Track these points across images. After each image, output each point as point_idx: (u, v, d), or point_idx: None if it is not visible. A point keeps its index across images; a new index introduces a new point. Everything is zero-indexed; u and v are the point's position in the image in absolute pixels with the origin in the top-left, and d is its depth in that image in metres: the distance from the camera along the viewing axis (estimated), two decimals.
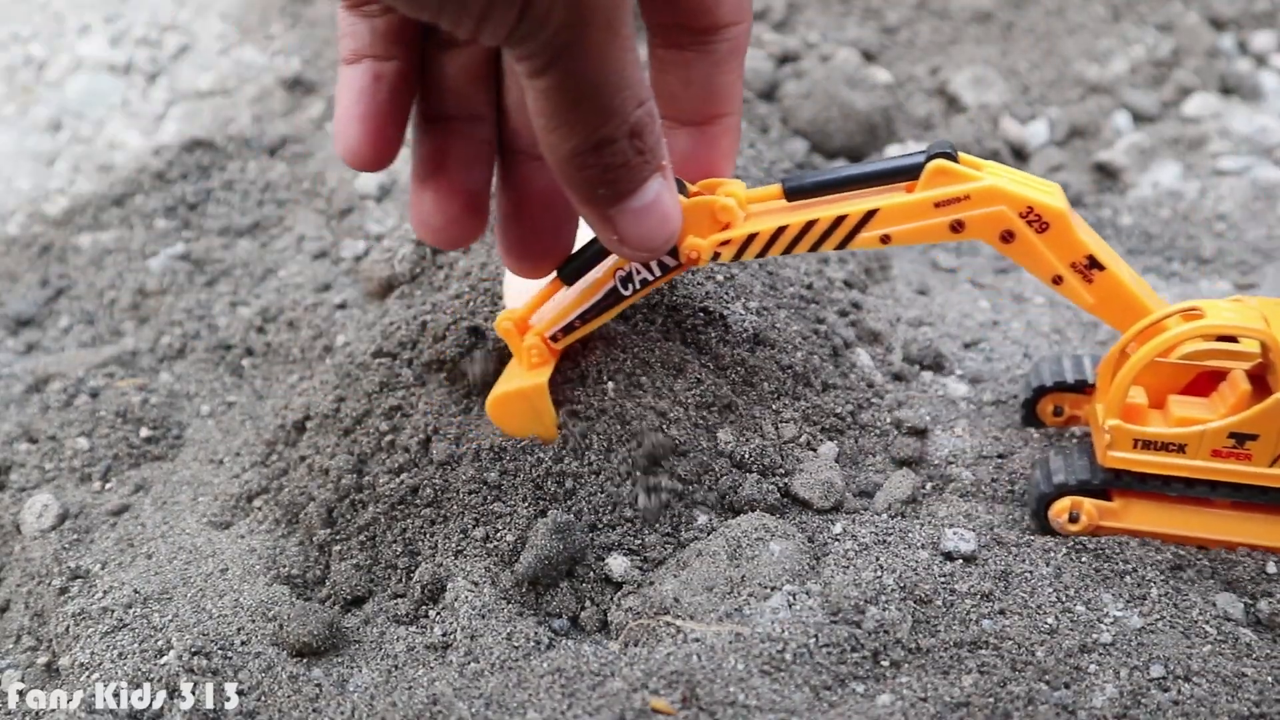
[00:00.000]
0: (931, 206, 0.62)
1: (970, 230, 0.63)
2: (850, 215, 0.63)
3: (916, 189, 0.62)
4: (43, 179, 1.28)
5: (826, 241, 0.64)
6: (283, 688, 0.62)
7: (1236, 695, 0.58)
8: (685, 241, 0.64)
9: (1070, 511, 0.68)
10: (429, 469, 0.73)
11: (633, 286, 0.66)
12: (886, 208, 0.63)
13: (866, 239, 0.64)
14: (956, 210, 0.62)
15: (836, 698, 0.58)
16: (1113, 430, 0.65)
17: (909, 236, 0.63)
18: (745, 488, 0.70)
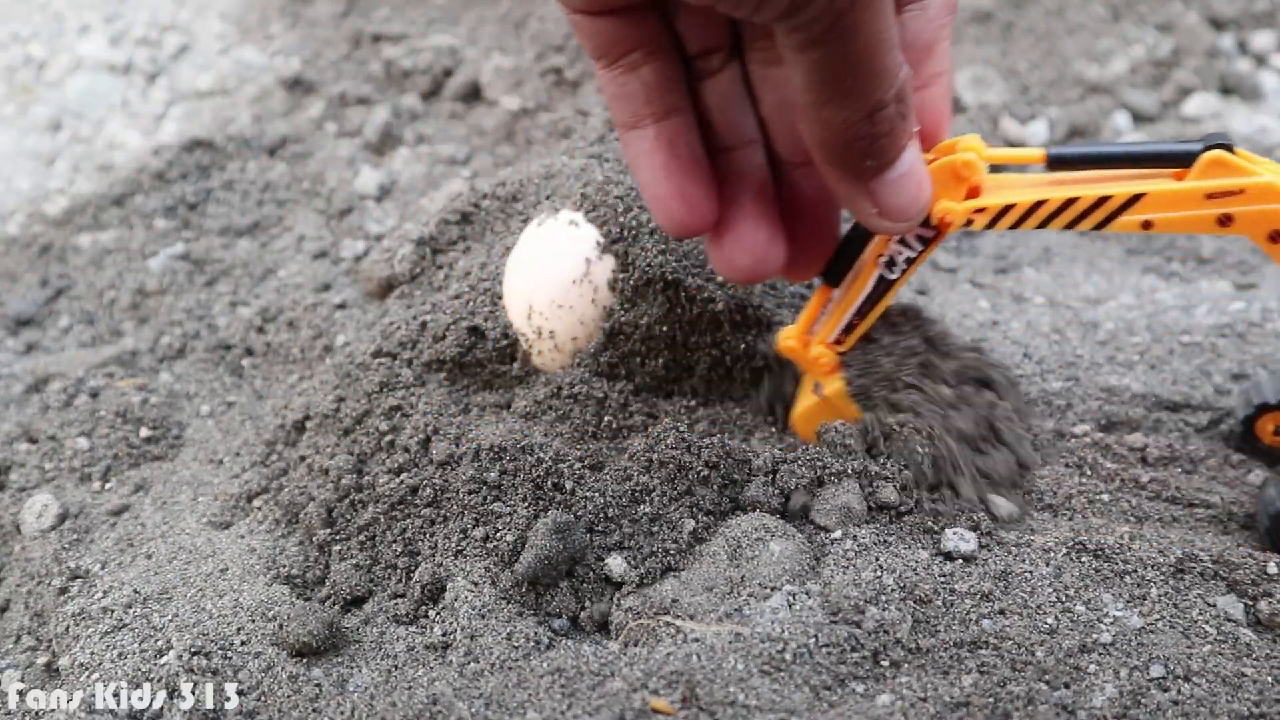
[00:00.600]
0: (1203, 197, 0.61)
1: (1238, 226, 0.61)
2: (1115, 197, 0.61)
3: (1188, 177, 0.61)
4: (43, 179, 1.28)
5: (1085, 221, 0.62)
6: (283, 688, 0.62)
7: (1236, 695, 0.58)
8: (937, 206, 0.62)
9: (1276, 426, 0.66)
10: (429, 469, 0.73)
11: (898, 268, 0.65)
12: (1155, 193, 0.61)
13: (1127, 223, 0.62)
14: (1228, 204, 0.60)
15: (836, 698, 0.58)
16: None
17: (1173, 225, 0.61)
18: (751, 489, 0.70)
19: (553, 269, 0.77)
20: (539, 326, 0.77)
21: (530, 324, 0.77)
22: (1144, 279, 1.03)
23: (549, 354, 0.78)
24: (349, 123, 1.25)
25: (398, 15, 1.44)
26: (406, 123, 1.23)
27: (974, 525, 0.68)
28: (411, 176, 1.14)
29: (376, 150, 1.20)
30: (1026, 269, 1.06)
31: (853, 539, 0.66)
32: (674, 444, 0.70)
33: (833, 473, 0.69)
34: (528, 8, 1.34)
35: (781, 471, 0.70)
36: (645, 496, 0.69)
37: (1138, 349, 0.90)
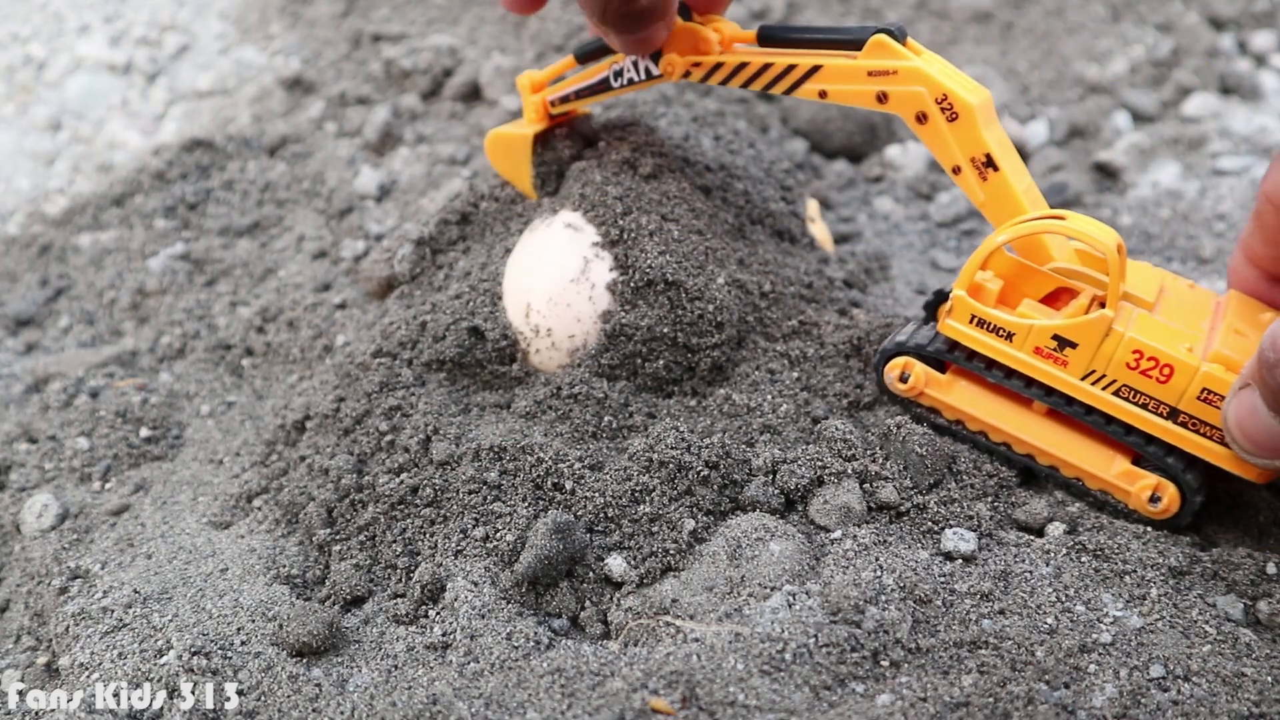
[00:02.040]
0: (865, 74, 0.70)
1: (892, 103, 0.70)
2: (799, 66, 0.73)
3: (859, 58, 0.70)
4: (43, 179, 1.28)
5: (777, 85, 0.74)
6: (282, 688, 0.62)
7: (1236, 695, 0.58)
8: (665, 57, 0.77)
9: (903, 371, 0.73)
10: (429, 469, 0.73)
11: (621, 81, 0.80)
12: (829, 66, 0.71)
13: (808, 89, 0.73)
14: (884, 82, 0.70)
15: (836, 698, 0.58)
16: (956, 300, 0.70)
17: (841, 96, 0.72)
18: (750, 489, 0.70)
19: (551, 268, 0.78)
20: (536, 325, 0.77)
21: (528, 322, 0.78)
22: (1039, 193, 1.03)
23: (546, 352, 0.78)
24: (349, 123, 1.25)
25: (398, 15, 1.44)
26: (406, 123, 1.23)
27: (974, 525, 0.68)
28: (411, 176, 1.14)
29: (376, 150, 1.20)
30: None
31: (853, 539, 0.66)
32: (674, 444, 0.70)
33: (833, 473, 0.69)
34: None
35: (781, 471, 0.70)
36: (645, 496, 0.69)
37: None
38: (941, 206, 1.13)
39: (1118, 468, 0.69)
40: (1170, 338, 0.65)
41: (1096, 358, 0.66)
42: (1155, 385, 0.65)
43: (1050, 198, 1.15)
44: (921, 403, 0.74)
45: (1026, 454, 0.72)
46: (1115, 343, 0.65)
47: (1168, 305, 0.69)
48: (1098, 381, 0.67)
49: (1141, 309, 0.67)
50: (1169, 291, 0.70)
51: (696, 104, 1.08)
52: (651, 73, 0.78)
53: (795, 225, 0.91)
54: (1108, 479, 0.69)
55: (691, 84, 1.13)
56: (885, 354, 0.74)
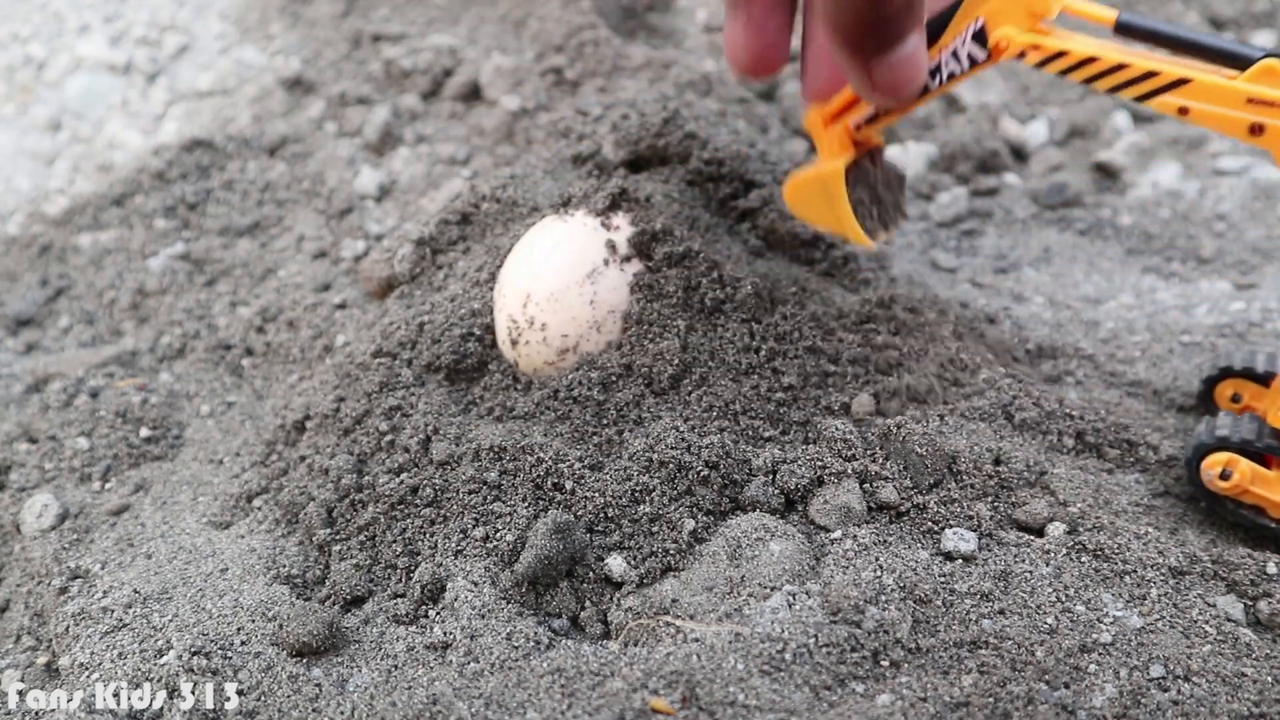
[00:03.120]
0: (1244, 100, 0.61)
1: (1268, 138, 0.61)
2: (1163, 74, 0.62)
3: (1239, 79, 0.61)
4: (43, 179, 1.28)
5: (1129, 89, 0.63)
6: (283, 688, 0.62)
7: (1236, 695, 0.58)
8: (998, 31, 0.64)
9: (1224, 468, 0.67)
10: (429, 469, 0.73)
11: (940, 78, 0.67)
12: (1200, 81, 0.62)
13: (1166, 103, 0.63)
14: (1265, 113, 0.61)
15: (836, 698, 0.58)
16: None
17: (1207, 119, 0.62)
18: (750, 489, 0.70)
19: (560, 264, 0.77)
20: (532, 316, 0.77)
21: (524, 312, 0.77)
22: (1144, 279, 1.03)
23: (535, 345, 0.77)
24: (349, 123, 1.25)
25: (398, 15, 1.44)
26: (406, 123, 1.23)
27: (974, 525, 0.68)
28: (411, 176, 1.14)
29: (376, 150, 1.20)
30: (1026, 269, 1.06)
31: (853, 539, 0.66)
32: (674, 444, 0.70)
33: (833, 473, 0.69)
34: (528, 8, 1.34)
35: (781, 471, 0.70)
36: (645, 496, 0.69)
37: (1138, 347, 0.90)
38: (941, 206, 1.13)
39: None
40: None
41: None
42: None
43: (1050, 197, 1.15)
44: (1244, 501, 0.68)
45: None
46: None
47: None
48: None
49: None
50: None
51: (696, 104, 1.08)
52: (976, 58, 0.65)
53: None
54: None
55: (692, 84, 1.13)
56: (1203, 449, 0.68)
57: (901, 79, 0.60)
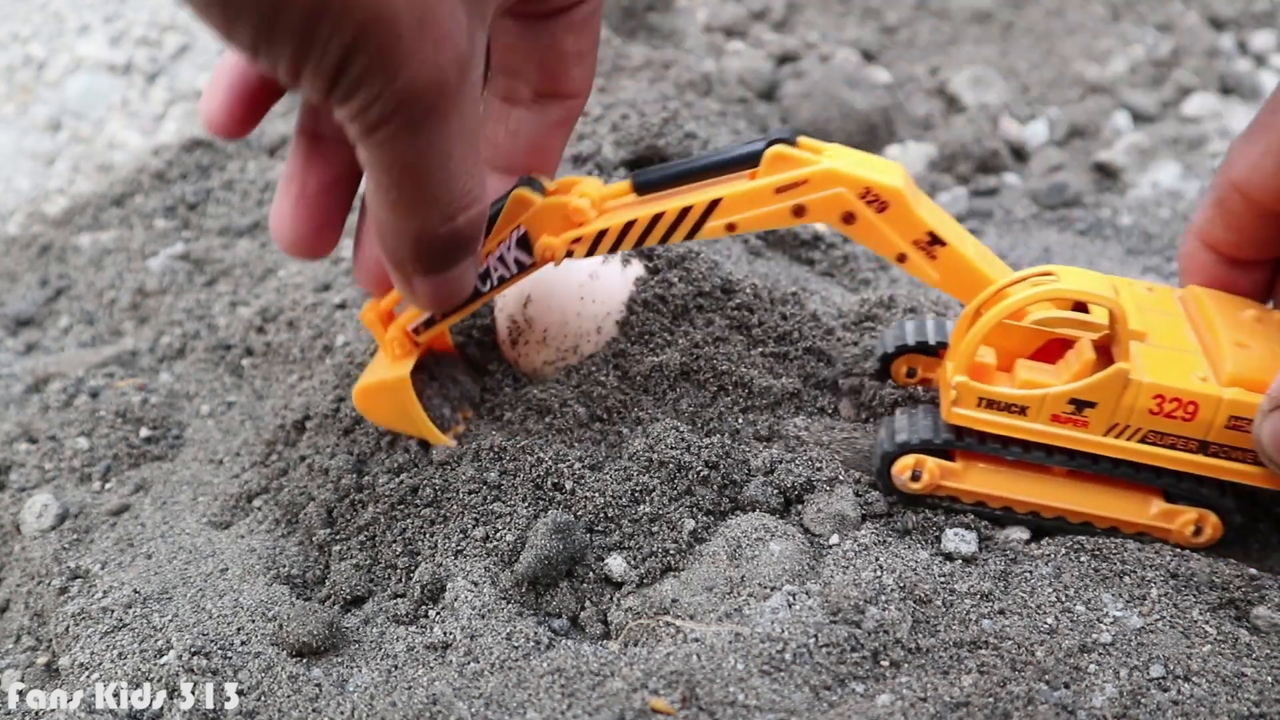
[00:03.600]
0: (772, 193, 0.63)
1: (812, 214, 0.64)
2: (695, 205, 0.65)
3: (758, 176, 0.63)
4: (43, 179, 1.28)
5: (675, 233, 0.66)
6: (283, 688, 0.62)
7: (1236, 695, 0.58)
8: (540, 241, 0.66)
9: (913, 470, 0.68)
10: (429, 469, 0.73)
11: (490, 282, 0.68)
12: (729, 196, 0.64)
13: (713, 228, 0.65)
14: (797, 195, 0.63)
15: (836, 698, 0.58)
16: (959, 387, 0.65)
17: (753, 223, 0.65)
18: (750, 489, 0.70)
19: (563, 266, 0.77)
20: (530, 316, 0.77)
21: (524, 313, 0.77)
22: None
23: (533, 345, 0.77)
24: None
25: None
26: None
27: (974, 526, 0.68)
28: None
29: None
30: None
31: (852, 539, 0.66)
32: (674, 444, 0.70)
33: (826, 479, 0.69)
34: None
35: (780, 471, 0.70)
36: (645, 496, 0.69)
37: None
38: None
39: (1154, 509, 0.67)
40: (1180, 370, 0.63)
41: (1117, 411, 0.63)
42: (1181, 424, 0.63)
43: (1050, 197, 1.15)
44: (938, 495, 0.70)
45: (1056, 517, 0.69)
46: (1135, 393, 0.63)
47: (1153, 328, 0.66)
48: (1122, 434, 0.64)
49: (1135, 341, 0.65)
50: (1136, 304, 0.67)
51: (698, 104, 1.08)
52: (524, 262, 0.67)
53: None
54: (1145, 522, 0.67)
55: (692, 84, 1.13)
56: (888, 457, 0.69)
57: (443, 296, 0.60)
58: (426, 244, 0.56)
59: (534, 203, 0.65)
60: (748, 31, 1.36)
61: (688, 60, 1.22)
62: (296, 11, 0.44)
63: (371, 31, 0.46)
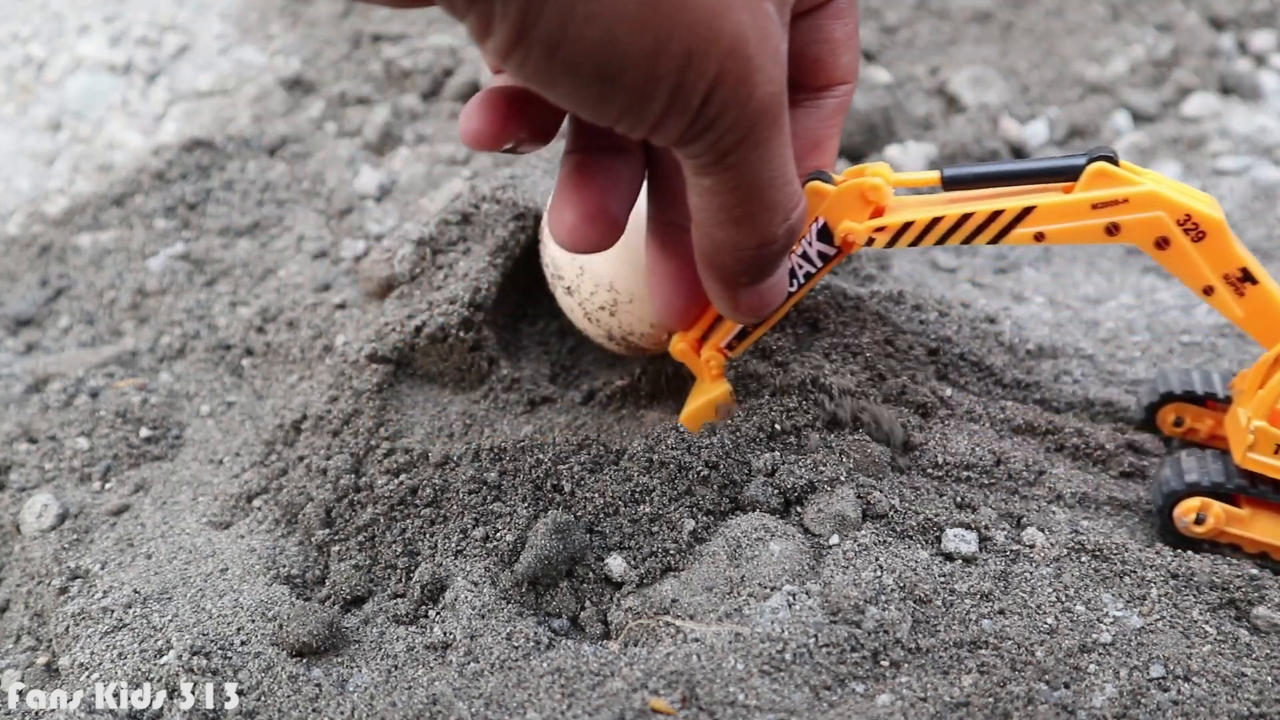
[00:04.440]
0: (1089, 208, 0.63)
1: (1126, 234, 0.63)
2: (1007, 211, 0.64)
3: (1075, 190, 0.63)
4: (42, 179, 1.28)
5: (980, 235, 0.65)
6: (282, 688, 0.62)
7: (1236, 695, 0.58)
8: (840, 227, 0.65)
9: (1198, 513, 0.68)
10: (428, 469, 0.73)
11: (797, 281, 0.68)
12: (1043, 206, 0.63)
13: (1020, 235, 0.64)
14: (1114, 213, 0.62)
15: (836, 698, 0.58)
16: (1258, 432, 0.65)
17: (1064, 236, 0.64)
18: (750, 489, 0.70)
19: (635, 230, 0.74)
20: (618, 287, 0.75)
21: (611, 288, 0.75)
22: (1144, 279, 1.03)
23: (636, 307, 0.75)
24: (349, 123, 1.25)
25: (398, 15, 1.44)
26: (406, 123, 1.23)
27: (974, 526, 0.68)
28: (411, 176, 1.14)
29: (376, 150, 1.20)
30: (1026, 269, 1.06)
31: (852, 539, 0.66)
32: (674, 444, 0.70)
33: (826, 479, 0.69)
34: None
35: (781, 471, 0.70)
36: (645, 496, 0.69)
37: (1138, 347, 0.90)
38: None
39: None
40: None
41: None
42: None
43: None
44: (1220, 542, 0.69)
45: None
46: None
47: None
48: None
49: None
50: None
51: None
52: (827, 255, 0.67)
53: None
54: None
55: None
56: (1174, 496, 0.69)
57: (766, 303, 0.62)
58: (766, 252, 0.57)
59: (828, 193, 0.65)
60: None
61: None
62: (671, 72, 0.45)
63: (730, 61, 0.46)
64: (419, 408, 0.80)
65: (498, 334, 0.85)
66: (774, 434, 0.72)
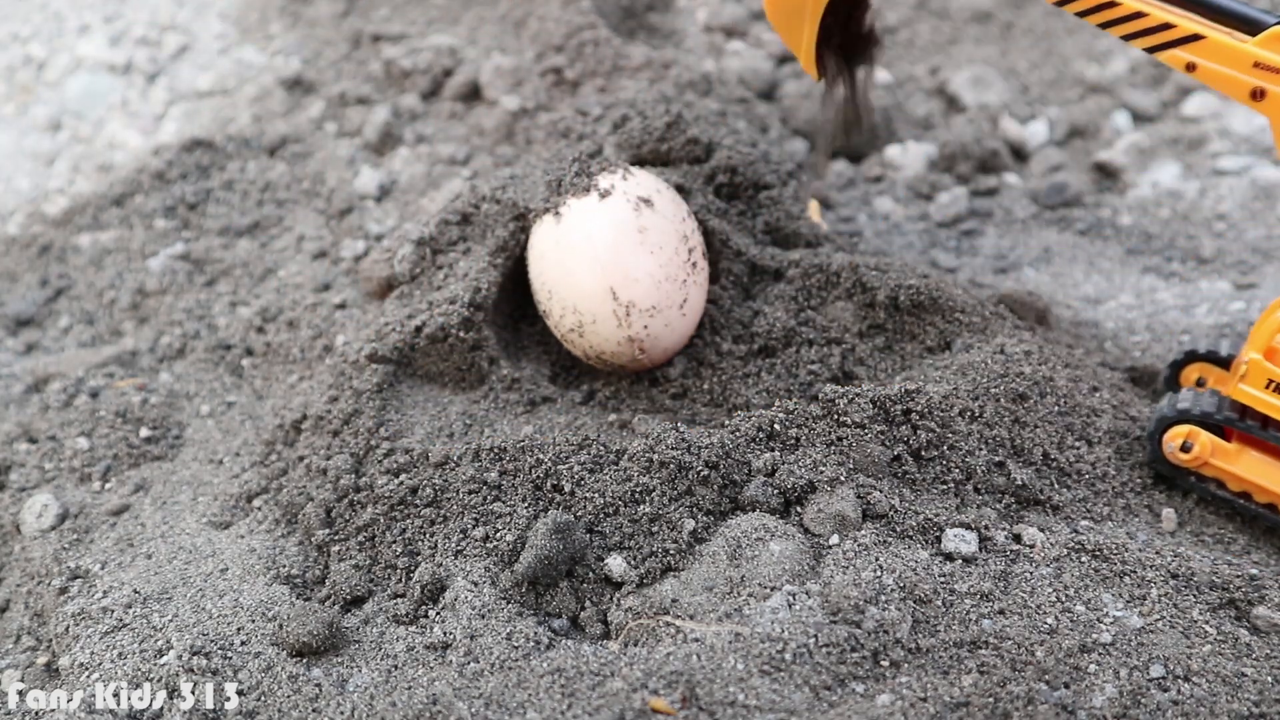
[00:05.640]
0: (1251, 63, 0.63)
1: (1268, 104, 0.63)
2: (1178, 28, 0.65)
3: (1250, 43, 0.63)
4: (43, 179, 1.28)
5: (1143, 39, 0.66)
6: (282, 688, 0.62)
7: (1236, 695, 0.58)
8: None
9: (1185, 440, 0.69)
10: (428, 469, 0.73)
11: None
12: (1213, 40, 0.64)
13: (1176, 56, 0.65)
14: (1269, 79, 0.62)
15: (836, 698, 0.58)
16: (1251, 364, 0.65)
17: (1214, 78, 0.64)
18: (750, 489, 0.70)
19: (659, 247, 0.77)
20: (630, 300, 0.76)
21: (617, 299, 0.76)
22: (1144, 279, 1.03)
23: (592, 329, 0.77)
24: (349, 123, 1.25)
25: (398, 15, 1.44)
26: (406, 123, 1.23)
27: (974, 526, 0.68)
28: (411, 176, 1.14)
29: (376, 150, 1.20)
30: (1026, 269, 1.06)
31: (852, 539, 0.66)
32: (674, 444, 0.70)
33: (826, 479, 0.69)
34: (528, 8, 1.34)
35: (781, 471, 0.70)
36: (645, 496, 0.69)
37: (1138, 347, 0.90)
38: (941, 206, 1.13)
39: None
40: None
41: None
42: None
43: (1050, 197, 1.15)
44: (1203, 474, 0.70)
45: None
46: None
47: None
48: None
49: None
50: None
51: (697, 104, 1.08)
52: None
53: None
54: None
55: (692, 84, 1.13)
56: (1165, 421, 0.70)
57: None
58: None
59: None
60: (748, 31, 1.36)
61: (688, 60, 1.22)
62: None
63: None
64: (419, 408, 0.80)
65: (498, 334, 0.85)
66: (773, 434, 0.72)
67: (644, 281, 0.75)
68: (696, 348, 0.82)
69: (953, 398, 0.72)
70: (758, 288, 0.85)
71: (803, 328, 0.82)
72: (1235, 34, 0.64)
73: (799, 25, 0.77)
